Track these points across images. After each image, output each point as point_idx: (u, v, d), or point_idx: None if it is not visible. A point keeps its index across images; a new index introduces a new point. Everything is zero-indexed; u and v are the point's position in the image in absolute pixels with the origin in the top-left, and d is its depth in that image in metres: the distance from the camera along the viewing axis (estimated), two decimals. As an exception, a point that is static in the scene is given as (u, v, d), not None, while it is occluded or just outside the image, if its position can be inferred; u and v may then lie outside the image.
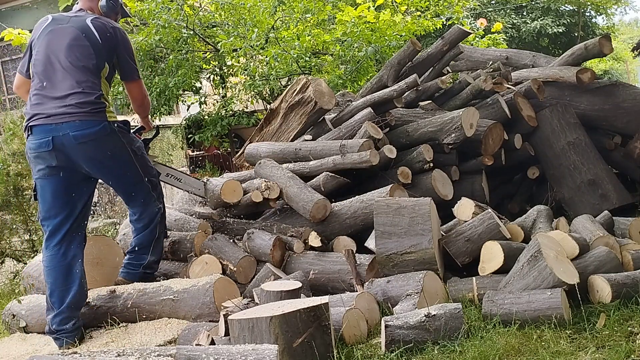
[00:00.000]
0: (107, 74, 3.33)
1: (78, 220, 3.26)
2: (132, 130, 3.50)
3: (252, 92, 8.84)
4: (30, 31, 3.70)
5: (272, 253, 3.49)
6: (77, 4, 3.49)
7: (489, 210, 3.36)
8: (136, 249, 3.50)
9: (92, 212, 7.38)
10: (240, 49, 8.03)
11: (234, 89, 9.41)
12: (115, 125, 3.26)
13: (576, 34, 16.82)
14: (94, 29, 3.26)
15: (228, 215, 4.10)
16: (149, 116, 3.76)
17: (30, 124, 3.18)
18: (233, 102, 9.46)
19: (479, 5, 15.74)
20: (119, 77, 3.52)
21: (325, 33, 8.29)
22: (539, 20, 16.54)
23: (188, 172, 8.88)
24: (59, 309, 3.14)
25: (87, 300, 3.34)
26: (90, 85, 3.20)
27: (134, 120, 7.54)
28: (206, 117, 9.64)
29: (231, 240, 3.71)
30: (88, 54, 3.22)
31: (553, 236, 2.96)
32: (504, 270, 2.93)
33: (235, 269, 3.50)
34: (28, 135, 3.21)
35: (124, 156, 3.31)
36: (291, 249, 3.57)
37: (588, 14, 18.30)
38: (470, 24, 13.40)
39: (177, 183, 3.94)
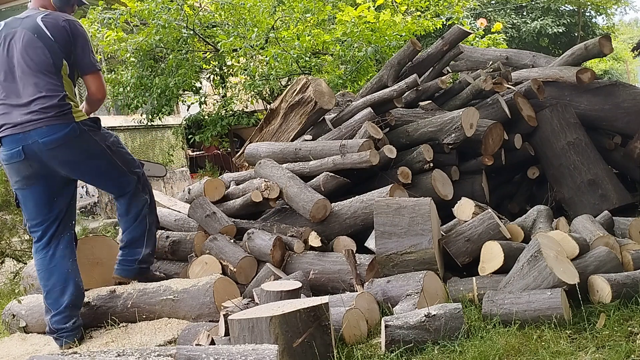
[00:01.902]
0: (68, 72, 3.19)
1: (64, 222, 3.23)
2: None
3: (252, 92, 8.85)
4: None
5: (272, 253, 3.49)
6: (30, 2, 3.33)
7: (489, 210, 3.36)
8: (128, 243, 3.46)
9: (92, 212, 7.39)
10: (240, 49, 8.04)
11: (234, 89, 9.42)
12: (85, 124, 3.17)
13: (576, 34, 16.83)
14: (45, 28, 3.10)
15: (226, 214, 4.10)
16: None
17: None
18: (233, 102, 9.47)
19: (479, 5, 15.75)
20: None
21: (325, 33, 8.30)
22: (539, 20, 16.55)
23: (188, 172, 8.90)
24: (57, 310, 3.14)
25: (87, 300, 3.35)
26: (51, 87, 3.08)
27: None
28: (206, 117, 9.65)
29: (231, 240, 3.71)
30: (43, 55, 3.09)
31: (553, 236, 2.96)
32: (504, 270, 2.93)
33: (235, 269, 3.50)
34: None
35: (100, 154, 3.23)
36: (291, 249, 3.57)
37: (588, 14, 18.31)
38: (470, 24, 13.41)
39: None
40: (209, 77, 9.60)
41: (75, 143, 3.12)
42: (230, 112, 9.45)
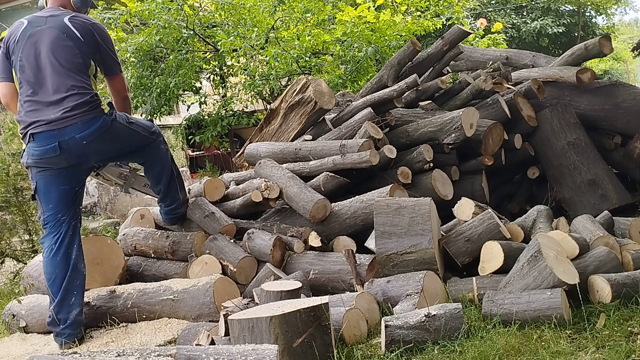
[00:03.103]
0: (94, 72, 3.34)
1: (75, 206, 3.34)
2: None
3: (252, 92, 8.85)
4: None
5: (272, 253, 3.49)
6: (47, 1, 3.41)
7: (489, 210, 3.36)
8: (166, 193, 3.78)
9: (92, 212, 7.39)
10: (240, 49, 8.03)
11: (234, 89, 9.42)
12: (111, 114, 3.29)
13: (576, 34, 16.83)
14: (74, 28, 3.23)
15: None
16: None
17: (30, 132, 3.16)
18: (233, 102, 9.47)
19: (479, 5, 15.74)
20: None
21: (325, 33, 8.30)
22: (539, 20, 16.55)
23: (188, 172, 8.90)
24: (58, 296, 3.16)
25: (87, 300, 3.35)
26: (82, 86, 3.20)
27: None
28: (206, 117, 9.64)
29: (231, 240, 3.71)
30: (73, 54, 3.21)
31: (553, 236, 2.96)
32: (504, 270, 2.93)
33: (235, 269, 3.50)
34: (28, 142, 3.19)
35: (130, 134, 3.43)
36: (291, 249, 3.57)
37: (588, 14, 18.31)
38: (470, 24, 13.41)
39: (152, 191, 4.03)
40: (209, 77, 9.60)
41: (108, 133, 3.26)
42: (230, 112, 9.44)
